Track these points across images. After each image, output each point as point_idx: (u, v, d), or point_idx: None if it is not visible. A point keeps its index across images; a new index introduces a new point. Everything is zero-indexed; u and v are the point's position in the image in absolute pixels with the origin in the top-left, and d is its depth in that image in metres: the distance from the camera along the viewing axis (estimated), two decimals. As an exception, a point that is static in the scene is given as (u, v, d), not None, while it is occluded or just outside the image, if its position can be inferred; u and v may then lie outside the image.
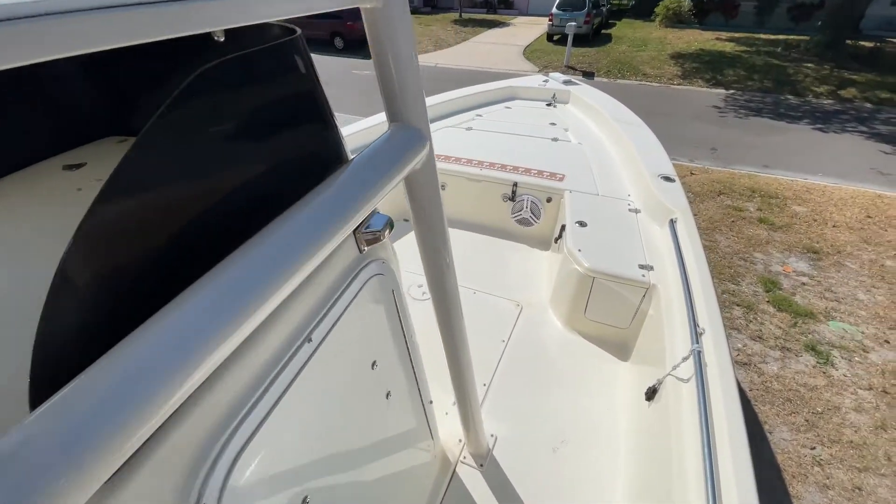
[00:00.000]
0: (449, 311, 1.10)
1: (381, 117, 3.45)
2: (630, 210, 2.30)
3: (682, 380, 1.35)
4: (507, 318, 2.14)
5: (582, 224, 2.15)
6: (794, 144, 8.36)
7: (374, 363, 0.90)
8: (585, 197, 2.43)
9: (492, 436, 1.61)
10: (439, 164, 2.86)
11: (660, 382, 1.42)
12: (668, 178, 2.36)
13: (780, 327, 3.78)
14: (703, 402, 1.23)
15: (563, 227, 2.24)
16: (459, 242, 2.78)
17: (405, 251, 2.70)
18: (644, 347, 1.83)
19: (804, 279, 4.49)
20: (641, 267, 1.85)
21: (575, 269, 1.92)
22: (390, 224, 0.82)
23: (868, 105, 10.63)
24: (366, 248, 0.80)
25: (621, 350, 1.94)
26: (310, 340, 0.66)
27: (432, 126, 3.53)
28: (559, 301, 2.13)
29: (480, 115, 3.74)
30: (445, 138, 3.30)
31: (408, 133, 0.79)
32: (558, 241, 2.34)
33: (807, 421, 2.98)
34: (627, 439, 1.57)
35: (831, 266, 4.71)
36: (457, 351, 1.19)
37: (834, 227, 5.50)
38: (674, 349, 1.48)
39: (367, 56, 15.85)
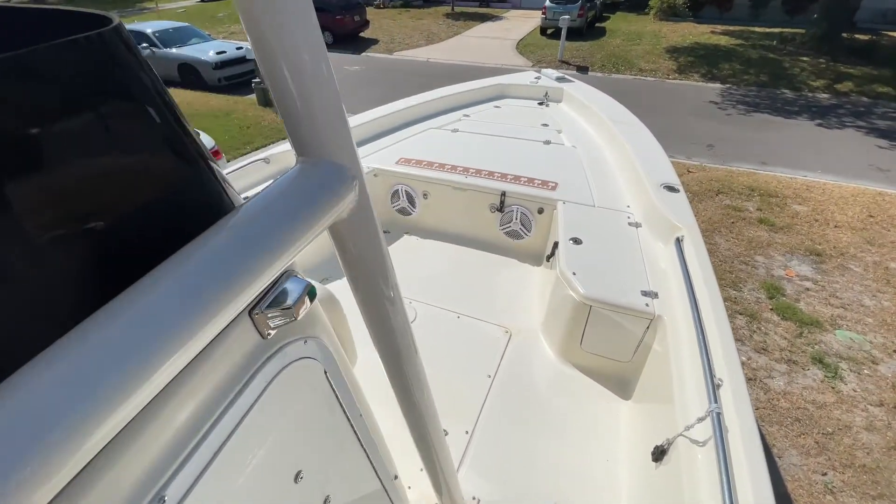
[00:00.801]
0: (407, 381, 0.87)
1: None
2: (630, 224, 2.08)
3: (696, 442, 1.13)
4: (495, 347, 1.91)
5: (577, 241, 1.92)
6: (792, 140, 8.19)
7: (298, 474, 0.67)
8: (580, 208, 2.21)
9: (474, 499, 1.39)
10: (423, 171, 2.62)
11: (669, 443, 1.21)
12: (671, 188, 2.14)
13: (785, 337, 3.60)
14: (726, 474, 1.01)
15: (555, 245, 2.01)
16: (443, 257, 2.55)
17: None
18: (648, 385, 1.61)
19: (808, 284, 4.31)
20: (645, 294, 1.63)
21: (569, 296, 1.70)
22: (310, 293, 0.59)
23: (864, 99, 10.49)
24: (272, 332, 0.57)
25: (622, 386, 1.73)
26: (161, 501, 0.43)
27: (417, 127, 3.29)
28: (552, 328, 1.91)
29: (468, 116, 3.50)
30: (430, 141, 3.06)
31: (324, 171, 0.56)
32: (551, 259, 2.12)
33: (817, 443, 2.79)
34: None
35: (835, 269, 4.54)
36: (420, 422, 0.96)
37: (836, 227, 5.33)
38: (684, 396, 1.26)
39: (357, 51, 15.53)
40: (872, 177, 6.78)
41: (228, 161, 6.54)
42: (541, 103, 3.82)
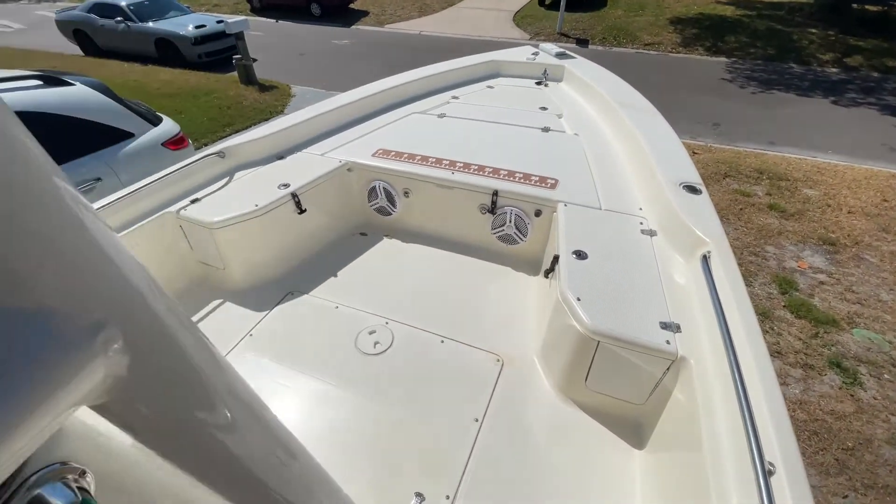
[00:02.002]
0: None
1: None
2: (643, 232, 1.77)
3: None
4: (484, 380, 1.63)
5: (580, 255, 1.62)
6: (801, 118, 7.83)
7: None
8: (584, 212, 1.89)
9: None
10: (403, 165, 2.28)
11: None
12: (692, 189, 1.82)
13: (799, 338, 3.35)
14: None
15: (555, 259, 1.71)
16: (426, 264, 2.24)
17: (348, 280, 2.17)
18: (667, 437, 1.34)
19: (822, 276, 4.04)
20: (664, 327, 1.34)
21: (572, 326, 1.41)
22: None
23: (875, 74, 10.07)
24: None
25: (635, 432, 1.46)
26: None
27: (399, 111, 2.92)
28: (551, 358, 1.63)
29: (457, 98, 3.13)
30: (413, 128, 2.71)
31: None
32: (550, 274, 1.81)
33: (836, 460, 2.57)
34: None
35: (850, 260, 4.27)
36: None
37: (849, 213, 5.05)
38: (720, 476, 0.99)
39: (346, 24, 14.78)
40: (886, 157, 6.47)
41: (198, 148, 6.14)
42: (539, 83, 3.45)
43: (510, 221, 2.14)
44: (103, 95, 3.33)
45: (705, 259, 1.46)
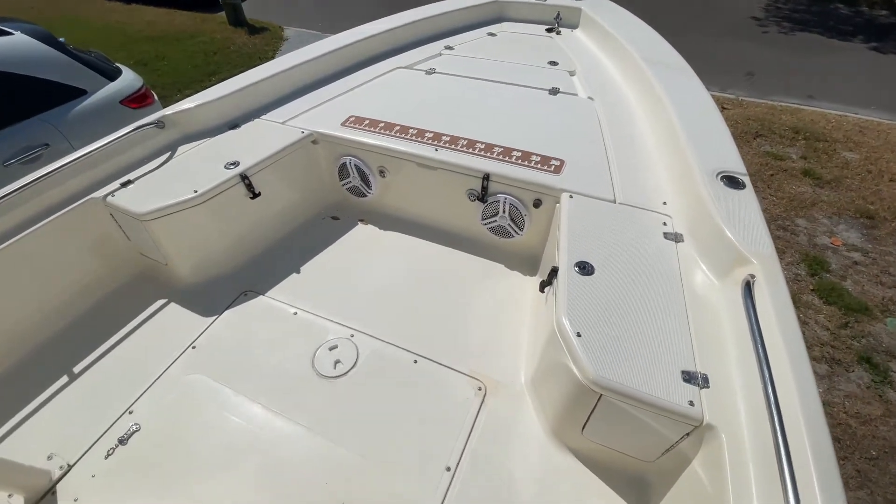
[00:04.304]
0: None
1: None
2: (667, 236, 1.41)
3: None
4: (462, 415, 1.36)
5: (585, 269, 1.29)
6: (844, 68, 7.02)
7: None
8: (594, 206, 1.53)
9: None
10: (377, 139, 1.90)
11: None
12: (733, 180, 1.44)
13: (827, 328, 3.04)
14: None
15: (553, 271, 1.38)
16: (404, 259, 1.92)
17: (312, 277, 1.86)
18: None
19: (856, 255, 3.66)
20: (687, 379, 1.03)
21: (570, 370, 1.11)
22: None
23: (931, 16, 9.00)
24: None
25: (640, 493, 1.19)
26: None
27: (382, 65, 2.49)
28: (544, 393, 1.35)
29: (451, 48, 2.66)
30: (395, 88, 2.28)
31: None
32: (546, 288, 1.49)
33: (858, 471, 2.34)
34: None
35: (888, 236, 3.86)
36: None
37: (891, 180, 4.56)
38: None
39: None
40: (937, 115, 5.81)
41: (169, 103, 5.69)
42: (550, 30, 2.93)
43: (504, 211, 1.78)
44: (47, 46, 2.90)
45: (748, 286, 1.12)
